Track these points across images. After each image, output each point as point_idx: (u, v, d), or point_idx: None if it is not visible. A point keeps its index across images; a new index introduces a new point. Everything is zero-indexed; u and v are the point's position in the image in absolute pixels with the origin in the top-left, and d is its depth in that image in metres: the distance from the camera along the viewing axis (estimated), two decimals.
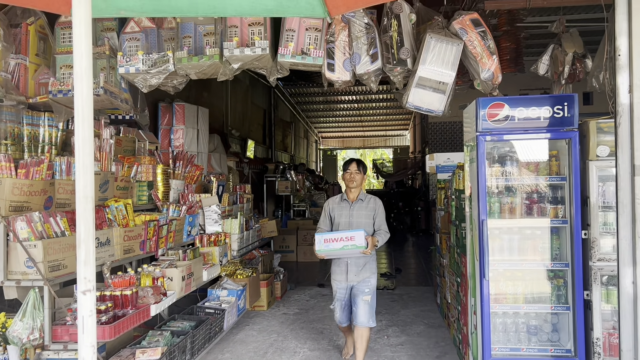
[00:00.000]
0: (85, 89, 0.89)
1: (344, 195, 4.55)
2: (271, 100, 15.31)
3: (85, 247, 0.90)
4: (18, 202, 3.68)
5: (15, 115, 4.15)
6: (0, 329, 3.80)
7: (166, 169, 6.14)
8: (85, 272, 0.91)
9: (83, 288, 0.90)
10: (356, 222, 4.37)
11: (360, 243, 4.04)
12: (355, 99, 17.90)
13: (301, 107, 19.25)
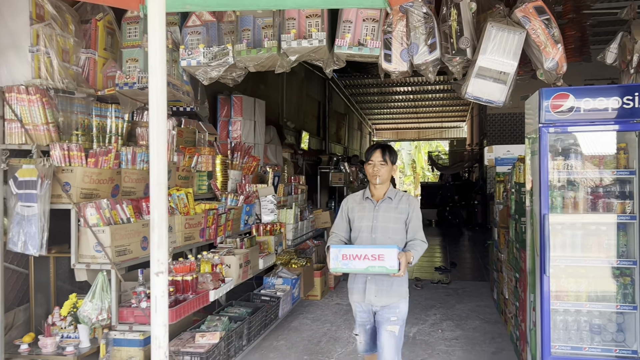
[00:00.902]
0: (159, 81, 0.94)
1: (366, 192, 3.44)
2: (326, 92, 15.35)
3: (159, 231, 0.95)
4: (88, 189, 3.89)
5: (85, 107, 4.37)
6: (72, 308, 4.05)
7: (225, 160, 6.31)
8: (158, 255, 0.96)
9: (156, 270, 0.96)
10: (382, 227, 3.30)
11: (392, 265, 3.04)
12: (411, 90, 17.65)
13: (355, 99, 19.18)
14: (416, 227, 3.37)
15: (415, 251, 3.23)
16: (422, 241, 3.33)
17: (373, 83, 16.52)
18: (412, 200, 3.42)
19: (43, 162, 3.71)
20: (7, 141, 3.88)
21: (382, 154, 3.36)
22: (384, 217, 3.33)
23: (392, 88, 17.31)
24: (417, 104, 20.17)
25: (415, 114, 22.25)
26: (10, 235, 3.78)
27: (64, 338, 4.06)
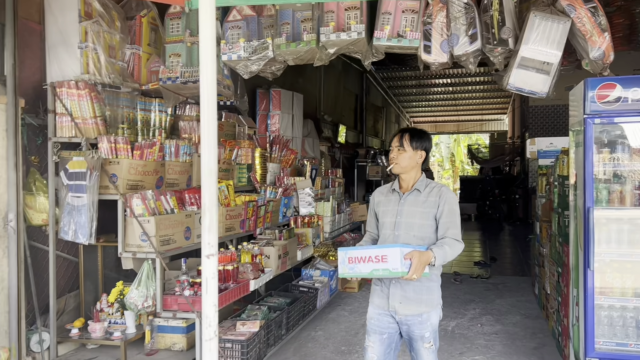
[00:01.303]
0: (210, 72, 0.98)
1: (395, 184, 2.99)
2: (363, 85, 15.29)
3: (209, 216, 0.99)
4: (134, 181, 4.03)
5: (131, 101, 4.52)
6: (119, 296, 4.21)
7: (264, 153, 6.40)
8: (209, 238, 1.01)
9: (207, 252, 1.01)
10: (406, 223, 2.82)
11: (395, 266, 2.56)
12: (450, 82, 17.39)
13: (393, 92, 19.04)
14: (448, 223, 2.79)
15: (440, 250, 2.65)
16: (454, 240, 2.75)
17: (411, 75, 16.35)
18: (446, 191, 2.87)
19: (92, 154, 3.86)
20: (58, 134, 4.05)
21: (399, 139, 2.91)
22: (408, 212, 2.84)
23: (431, 80, 17.09)
24: (456, 96, 19.85)
25: (454, 106, 21.90)
26: (61, 224, 3.95)
27: (111, 324, 4.23)
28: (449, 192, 2.88)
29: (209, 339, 1.03)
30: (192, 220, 4.25)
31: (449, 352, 4.62)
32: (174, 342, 4.25)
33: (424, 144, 2.92)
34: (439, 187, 2.90)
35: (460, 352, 4.61)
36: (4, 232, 3.79)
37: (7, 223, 3.78)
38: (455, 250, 2.72)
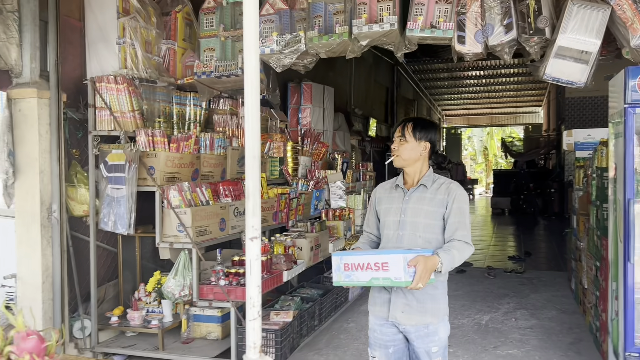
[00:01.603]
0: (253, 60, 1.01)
1: (399, 179, 2.71)
2: (394, 77, 15.18)
3: (253, 200, 1.03)
4: (170, 173, 4.12)
5: (167, 95, 4.61)
6: (156, 285, 4.32)
7: (295, 146, 6.44)
8: (252, 222, 1.04)
9: (250, 235, 1.04)
10: (411, 222, 2.56)
11: (398, 275, 2.29)
12: (483, 74, 17.09)
13: (424, 84, 18.83)
14: (457, 224, 2.52)
15: (447, 254, 2.38)
16: (463, 242, 2.49)
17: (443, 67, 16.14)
18: (455, 188, 2.59)
19: (130, 147, 3.96)
20: (98, 128, 4.18)
21: (401, 128, 2.65)
22: (414, 210, 2.57)
23: (464, 72, 16.85)
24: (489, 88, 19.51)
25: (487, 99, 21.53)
26: (101, 215, 4.08)
27: (149, 312, 4.35)
28: (458, 189, 2.62)
29: (252, 319, 1.06)
30: (226, 211, 4.32)
31: (483, 345, 4.59)
32: (210, 331, 4.35)
33: (429, 134, 2.65)
34: (447, 184, 2.62)
35: (495, 346, 4.57)
36: (48, 222, 3.93)
37: (51, 214, 3.93)
38: (464, 254, 2.48)
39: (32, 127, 3.86)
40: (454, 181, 2.66)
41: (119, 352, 4.18)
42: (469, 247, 2.52)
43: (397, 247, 2.55)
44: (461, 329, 5.04)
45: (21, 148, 3.90)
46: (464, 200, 2.59)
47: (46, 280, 3.92)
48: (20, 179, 3.90)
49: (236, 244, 4.89)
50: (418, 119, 2.72)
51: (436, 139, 2.73)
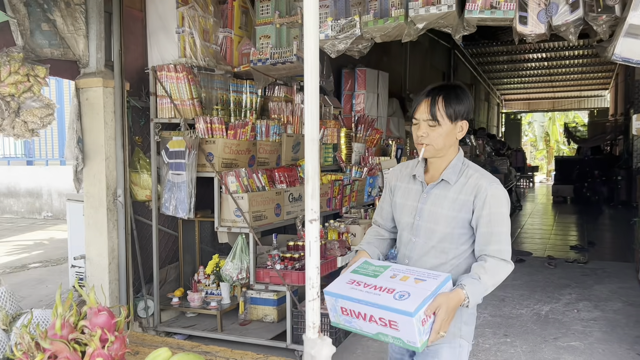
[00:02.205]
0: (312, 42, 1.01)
1: (417, 169, 2.11)
2: (450, 62, 14.82)
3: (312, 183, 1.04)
4: (228, 159, 4.21)
5: (224, 83, 4.70)
6: (215, 268, 4.45)
7: (349, 132, 6.43)
8: (312, 205, 1.05)
9: (310, 217, 1.05)
10: (426, 229, 2.03)
11: (411, 339, 1.75)
12: (546, 57, 16.39)
13: (482, 68, 18.28)
14: (488, 236, 1.94)
15: (475, 286, 1.85)
16: (496, 259, 1.92)
17: (503, 50, 15.59)
18: (485, 186, 1.95)
19: (190, 134, 4.08)
20: (159, 115, 4.32)
21: (428, 106, 1.96)
22: (431, 214, 2.03)
23: (524, 55, 16.21)
24: (552, 71, 18.70)
25: (549, 82, 20.66)
26: (163, 200, 4.23)
27: (208, 294, 4.49)
28: (491, 187, 1.96)
29: (312, 300, 1.08)
30: (282, 197, 4.38)
31: (542, 336, 4.46)
32: (266, 314, 4.45)
33: (465, 108, 1.99)
34: (477, 179, 1.98)
35: (555, 337, 4.43)
36: (113, 206, 4.12)
37: (116, 198, 4.11)
38: (498, 276, 1.93)
39: (98, 115, 4.05)
40: (487, 174, 2.02)
41: (180, 332, 4.35)
42: (505, 266, 1.94)
43: (408, 258, 2.10)
44: (519, 319, 4.92)
45: (88, 135, 4.09)
46: (498, 203, 1.96)
47: (112, 262, 4.12)
48: (88, 165, 4.10)
49: (291, 230, 4.96)
50: (449, 89, 2.01)
51: (471, 112, 2.07)
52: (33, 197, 11.63)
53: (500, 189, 1.99)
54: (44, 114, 3.51)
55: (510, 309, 5.21)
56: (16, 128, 3.39)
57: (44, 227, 10.44)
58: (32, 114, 3.44)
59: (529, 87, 22.09)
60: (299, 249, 4.30)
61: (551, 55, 16.08)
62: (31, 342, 1.65)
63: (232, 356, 2.04)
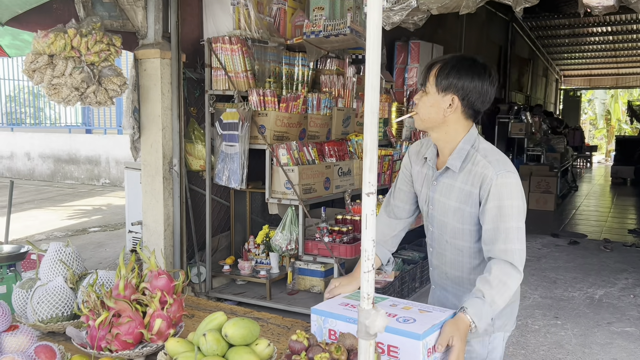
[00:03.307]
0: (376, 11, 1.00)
1: (429, 150, 1.89)
2: (508, 35, 14.26)
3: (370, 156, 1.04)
4: (279, 132, 4.25)
5: (277, 55, 4.71)
6: (265, 238, 4.54)
7: (400, 107, 6.34)
8: (369, 178, 1.05)
9: (367, 190, 1.05)
10: (439, 221, 1.87)
11: None
12: (611, 30, 15.51)
13: (542, 42, 17.51)
14: (493, 233, 1.70)
15: (479, 306, 1.60)
16: (503, 264, 1.66)
17: (565, 23, 14.86)
18: (491, 175, 1.70)
19: (243, 106, 4.13)
20: (214, 87, 4.39)
21: (425, 72, 1.81)
22: (440, 205, 1.85)
23: (588, 29, 15.40)
24: (616, 46, 17.70)
25: (613, 57, 19.59)
26: (216, 170, 4.33)
27: (257, 263, 4.60)
28: (499, 174, 1.70)
29: (367, 271, 1.09)
30: (331, 171, 4.40)
31: (595, 320, 4.35)
32: (313, 285, 4.52)
33: (463, 82, 1.73)
34: (483, 167, 1.73)
35: (609, 322, 4.31)
36: (169, 175, 4.25)
37: (172, 167, 4.24)
38: (507, 290, 1.65)
39: (155, 86, 4.15)
40: (495, 159, 1.74)
41: (230, 298, 4.49)
42: (514, 274, 1.66)
43: (431, 246, 1.99)
44: (571, 302, 4.80)
45: (145, 106, 4.21)
46: (507, 194, 1.69)
47: (167, 229, 4.27)
48: (145, 134, 4.24)
49: (339, 203, 4.98)
50: (456, 61, 1.77)
51: (472, 89, 1.74)
52: (92, 164, 12.15)
53: (510, 177, 1.71)
54: (121, 82, 3.65)
55: (562, 291, 5.09)
56: (98, 96, 3.53)
57: (102, 193, 10.92)
58: (111, 82, 3.57)
59: (591, 62, 21.02)
60: (347, 222, 4.32)
61: (617, 29, 15.20)
62: (97, 300, 1.75)
63: (282, 323, 2.10)
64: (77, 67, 3.43)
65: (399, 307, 1.75)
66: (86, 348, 1.70)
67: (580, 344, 3.90)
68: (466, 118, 1.80)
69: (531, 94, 17.32)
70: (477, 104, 1.77)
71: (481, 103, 1.78)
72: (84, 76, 3.43)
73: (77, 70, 3.41)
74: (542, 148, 11.86)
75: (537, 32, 16.14)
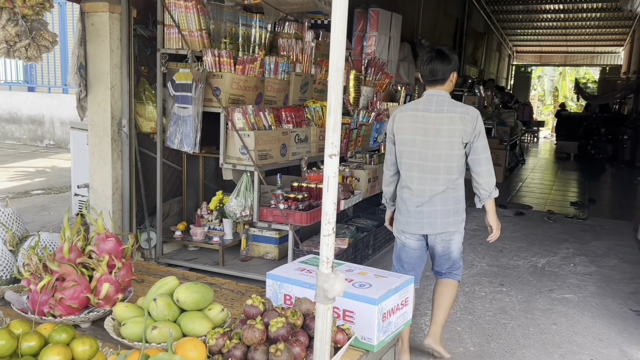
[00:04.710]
0: None
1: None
2: (465, 8, 14.36)
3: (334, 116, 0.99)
4: (235, 95, 4.13)
5: (233, 15, 4.54)
6: (218, 204, 4.46)
7: (358, 75, 6.29)
8: (332, 139, 1.01)
9: (330, 152, 1.01)
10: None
11: (367, 333, 1.60)
12: (562, 8, 15.89)
13: (497, 17, 17.75)
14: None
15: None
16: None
17: None
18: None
19: (197, 66, 3.97)
20: (166, 46, 4.19)
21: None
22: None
23: (541, 5, 15.73)
24: (567, 24, 18.19)
25: (564, 35, 20.15)
26: (168, 133, 4.18)
27: (210, 229, 4.53)
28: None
29: (327, 235, 1.06)
30: (288, 137, 4.33)
31: (538, 287, 4.54)
32: (267, 252, 4.50)
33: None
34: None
35: (550, 289, 4.51)
36: (118, 136, 4.08)
37: (120, 128, 4.06)
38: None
39: (103, 42, 3.93)
40: None
41: (181, 264, 4.41)
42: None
43: None
44: (516, 270, 4.99)
45: (93, 62, 3.99)
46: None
47: (116, 192, 4.12)
48: (92, 93, 4.03)
49: (295, 171, 4.94)
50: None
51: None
52: (35, 124, 11.56)
53: None
54: (52, 37, 3.40)
55: (507, 259, 5.28)
56: (30, 51, 3.29)
57: (46, 155, 10.43)
58: (43, 37, 3.33)
59: (542, 39, 21.56)
60: (303, 190, 4.29)
61: (568, 7, 15.59)
62: (39, 263, 1.66)
63: (236, 288, 2.06)
64: (12, 19, 3.17)
65: (355, 273, 1.77)
66: (27, 313, 1.62)
67: (524, 309, 4.07)
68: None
69: (485, 68, 17.63)
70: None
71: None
72: (18, 29, 3.18)
73: (12, 23, 3.16)
74: (493, 121, 12.14)
75: (493, 6, 16.34)
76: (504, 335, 3.62)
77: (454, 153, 2.86)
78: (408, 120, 2.92)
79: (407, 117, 2.93)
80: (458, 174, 2.93)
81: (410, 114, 2.93)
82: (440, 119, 2.85)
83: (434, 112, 2.87)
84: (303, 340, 1.30)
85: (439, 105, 2.88)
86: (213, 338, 1.32)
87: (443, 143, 2.85)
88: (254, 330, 1.28)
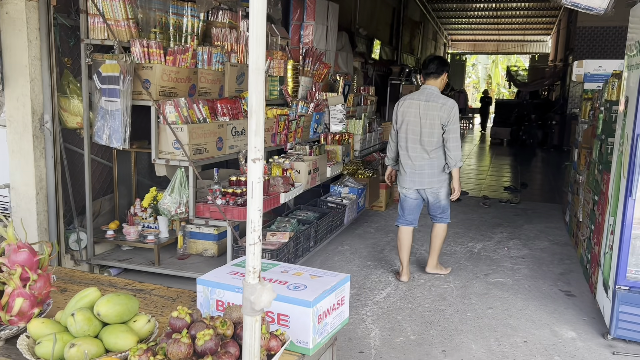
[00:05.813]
0: None
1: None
2: None
3: (256, 118, 0.93)
4: (167, 87, 3.96)
5: (163, 4, 4.34)
6: (152, 201, 4.29)
7: (296, 65, 6.21)
8: (255, 142, 0.95)
9: (253, 156, 0.95)
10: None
11: (302, 336, 1.55)
12: None
13: (432, 6, 18.10)
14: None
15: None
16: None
17: None
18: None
19: (125, 58, 3.78)
20: (91, 36, 3.96)
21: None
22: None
23: None
24: (498, 14, 18.81)
25: (495, 24, 20.83)
26: (95, 128, 3.96)
27: (145, 227, 4.35)
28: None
29: (253, 243, 1.00)
30: (224, 130, 4.21)
31: (474, 272, 4.67)
32: (205, 248, 4.38)
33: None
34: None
35: (486, 274, 4.65)
36: (40, 133, 3.82)
37: (43, 124, 3.81)
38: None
39: (20, 32, 3.66)
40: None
41: (114, 265, 4.22)
42: None
43: None
44: (453, 256, 5.12)
45: (9, 54, 3.71)
46: None
47: (40, 192, 3.88)
48: (10, 86, 3.75)
49: (233, 164, 4.83)
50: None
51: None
52: None
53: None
54: None
55: (445, 245, 5.40)
56: None
57: None
58: None
59: (476, 28, 22.21)
60: (241, 184, 4.20)
61: None
62: None
63: (167, 294, 1.96)
64: None
65: (290, 274, 1.72)
66: None
67: (461, 295, 4.17)
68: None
69: (421, 56, 17.95)
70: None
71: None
72: None
73: None
74: None
75: None
76: (443, 322, 3.70)
77: (435, 131, 4.14)
78: (408, 106, 4.26)
79: (407, 104, 4.28)
80: (439, 147, 4.17)
81: (409, 102, 4.28)
82: (428, 107, 4.15)
83: (424, 101, 4.18)
84: (233, 351, 1.24)
85: (429, 96, 4.20)
86: (135, 355, 1.23)
87: (429, 124, 4.14)
88: (179, 344, 1.20)
